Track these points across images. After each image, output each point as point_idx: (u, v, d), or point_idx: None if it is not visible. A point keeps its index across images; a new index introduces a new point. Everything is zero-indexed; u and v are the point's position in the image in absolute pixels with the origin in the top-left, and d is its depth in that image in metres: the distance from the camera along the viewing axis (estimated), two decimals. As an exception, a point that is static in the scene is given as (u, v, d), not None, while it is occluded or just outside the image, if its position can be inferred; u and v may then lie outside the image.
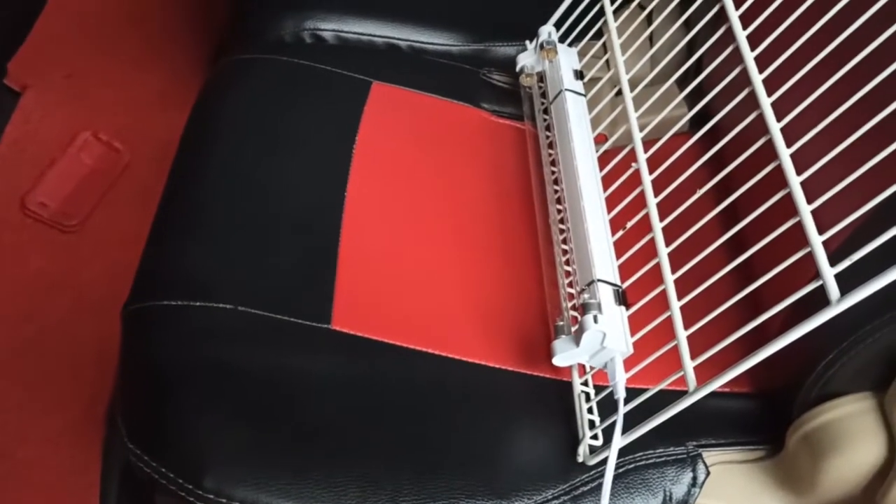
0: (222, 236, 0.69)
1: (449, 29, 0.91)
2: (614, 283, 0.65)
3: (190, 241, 0.68)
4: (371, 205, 0.74)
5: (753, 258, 0.56)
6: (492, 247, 0.75)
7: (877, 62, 0.51)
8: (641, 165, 0.67)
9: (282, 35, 0.87)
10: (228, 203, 0.71)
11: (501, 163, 0.82)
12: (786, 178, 0.55)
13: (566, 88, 0.78)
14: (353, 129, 0.78)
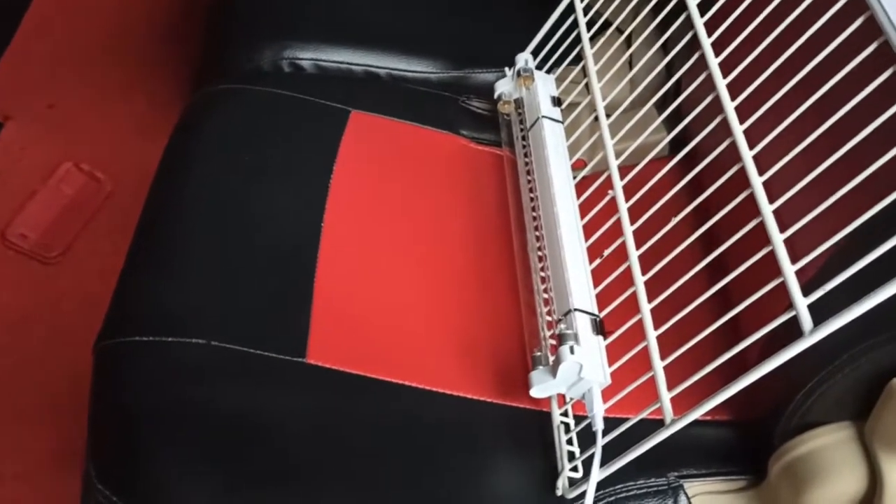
0: (197, 269, 0.68)
1: (428, 56, 0.91)
2: (591, 312, 0.65)
3: (163, 274, 0.68)
4: (348, 235, 0.73)
5: (731, 285, 0.56)
6: (470, 275, 0.75)
7: (847, 89, 0.51)
8: (618, 193, 0.67)
9: (260, 64, 0.87)
10: (203, 235, 0.71)
11: (480, 189, 0.82)
12: (758, 207, 0.54)
13: (543, 115, 0.78)
14: (330, 160, 0.78)
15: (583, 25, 0.79)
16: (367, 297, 0.70)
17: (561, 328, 0.62)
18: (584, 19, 0.79)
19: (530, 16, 0.87)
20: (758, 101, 0.58)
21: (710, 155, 0.61)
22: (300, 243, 0.71)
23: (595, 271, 0.68)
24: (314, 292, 0.68)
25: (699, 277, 0.58)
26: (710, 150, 0.61)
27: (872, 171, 0.48)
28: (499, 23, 0.96)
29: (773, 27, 0.59)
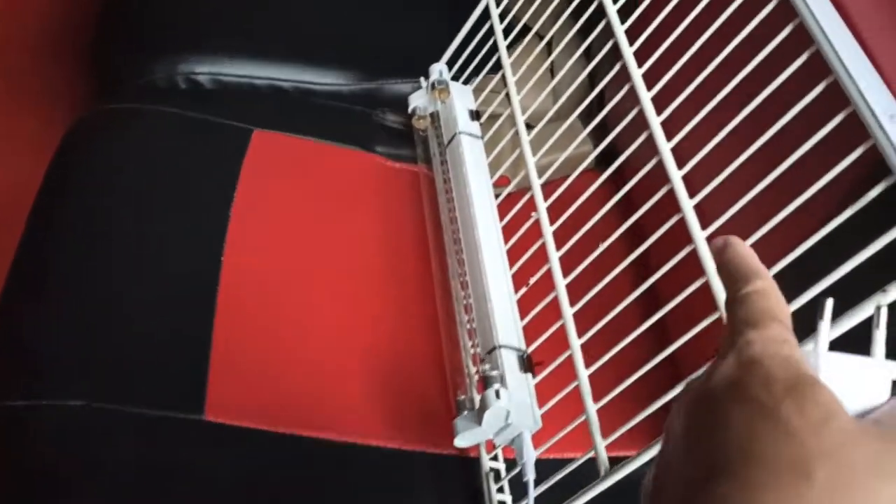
0: (76, 315, 0.61)
1: (337, 67, 0.84)
2: (518, 348, 0.60)
3: (38, 321, 0.60)
4: (251, 269, 0.67)
5: (667, 315, 0.51)
6: (388, 307, 0.69)
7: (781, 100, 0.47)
8: (542, 216, 0.62)
9: (153, 80, 0.80)
10: (85, 274, 0.63)
11: (398, 211, 0.76)
12: (690, 234, 0.50)
13: (461, 131, 0.73)
14: (230, 185, 0.71)
15: (499, 33, 0.74)
16: (273, 338, 0.64)
17: (485, 370, 0.57)
18: (500, 26, 0.74)
19: (447, 22, 0.82)
20: (686, 113, 0.54)
21: (638, 174, 0.56)
22: (197, 281, 0.64)
23: (523, 298, 0.63)
24: (213, 336, 0.61)
25: (633, 306, 0.54)
26: (640, 163, 0.56)
27: (810, 194, 0.44)
28: (414, 30, 0.90)
29: (697, 35, 0.55)
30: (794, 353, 0.27)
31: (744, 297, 0.30)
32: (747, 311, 0.29)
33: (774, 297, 0.30)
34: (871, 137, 0.41)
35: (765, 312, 0.29)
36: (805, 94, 0.45)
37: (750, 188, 0.47)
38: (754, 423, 0.25)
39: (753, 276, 0.30)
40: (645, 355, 0.51)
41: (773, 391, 0.26)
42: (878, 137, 0.40)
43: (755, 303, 0.29)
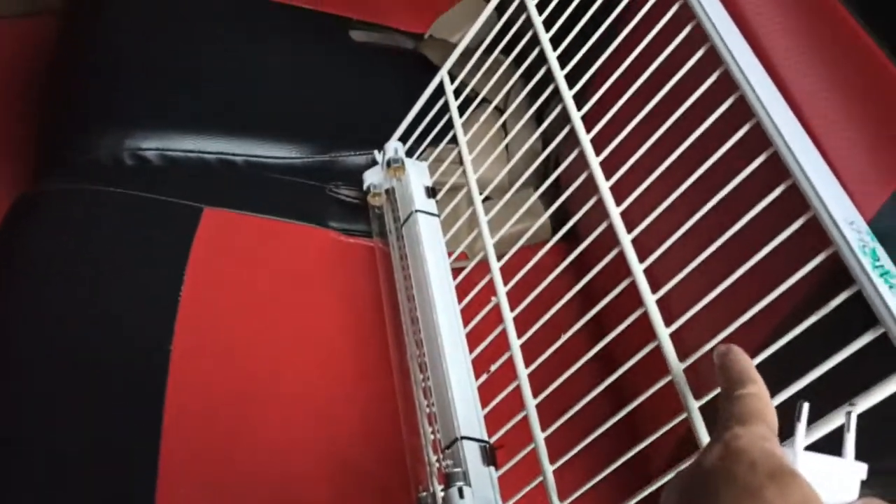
0: (13, 398, 0.58)
1: (291, 140, 0.83)
2: (481, 438, 0.58)
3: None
4: (203, 357, 0.64)
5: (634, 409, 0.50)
6: (346, 390, 0.67)
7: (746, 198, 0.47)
8: (502, 300, 0.61)
9: (97, 157, 0.77)
10: (18, 370, 0.60)
11: (354, 289, 0.75)
12: (641, 298, 0.50)
13: (417, 209, 0.72)
14: (180, 268, 0.68)
15: (455, 111, 0.73)
16: (226, 433, 0.61)
17: (448, 465, 0.56)
18: (455, 102, 0.74)
19: (404, 90, 0.81)
20: (648, 203, 0.54)
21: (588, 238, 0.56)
22: (144, 373, 0.61)
23: (487, 382, 0.62)
24: (162, 437, 0.58)
25: (600, 396, 0.53)
26: (603, 245, 0.56)
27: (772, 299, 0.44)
28: (369, 102, 0.89)
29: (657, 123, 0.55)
30: (776, 450, 0.32)
31: (738, 398, 0.34)
32: (740, 409, 0.34)
33: (764, 402, 0.35)
34: (833, 244, 0.41)
35: (754, 413, 0.34)
36: (765, 192, 0.46)
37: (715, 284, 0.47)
38: (740, 500, 0.29)
39: (749, 381, 0.35)
40: (611, 442, 0.50)
41: (758, 476, 0.30)
42: (839, 245, 0.41)
43: (747, 404, 0.34)
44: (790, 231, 0.43)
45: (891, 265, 0.40)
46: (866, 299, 0.39)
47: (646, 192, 0.54)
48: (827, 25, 0.49)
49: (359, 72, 0.92)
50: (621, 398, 0.51)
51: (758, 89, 0.47)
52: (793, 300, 0.46)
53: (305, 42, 0.92)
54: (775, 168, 0.46)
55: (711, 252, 0.48)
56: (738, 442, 0.32)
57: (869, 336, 0.38)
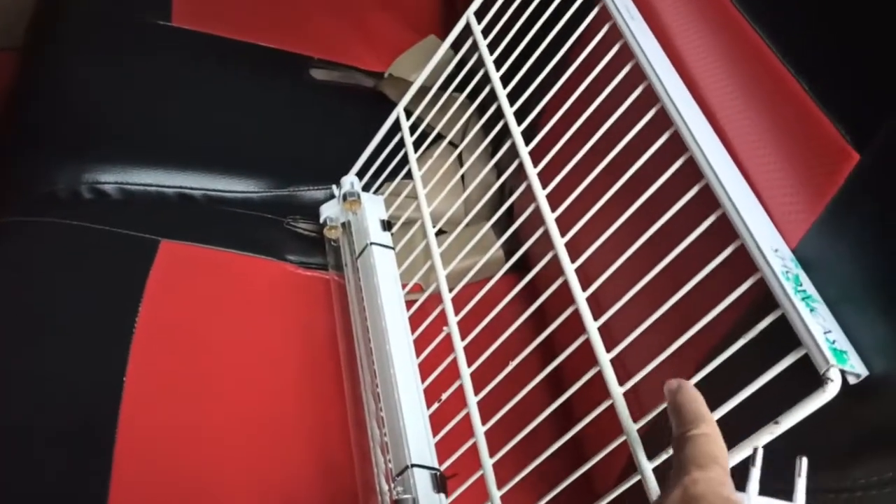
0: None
1: (249, 175, 0.84)
2: (431, 466, 0.59)
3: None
4: (156, 389, 0.65)
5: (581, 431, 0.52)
6: (302, 424, 0.68)
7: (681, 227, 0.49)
8: (453, 329, 0.62)
9: (54, 191, 0.78)
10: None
11: (310, 321, 0.75)
12: (595, 355, 0.51)
13: (372, 242, 0.73)
14: (135, 301, 0.69)
15: (410, 147, 0.75)
16: (180, 469, 0.61)
17: (398, 492, 0.56)
18: (411, 138, 0.76)
19: (362, 126, 0.83)
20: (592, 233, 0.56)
21: (533, 270, 0.57)
22: (95, 411, 0.61)
23: (438, 411, 0.63)
24: (112, 475, 0.58)
25: (549, 418, 0.54)
26: (552, 274, 0.58)
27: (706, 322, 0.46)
28: (328, 136, 0.91)
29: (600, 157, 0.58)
30: (732, 496, 0.33)
31: (692, 438, 0.36)
32: (694, 451, 0.35)
33: (718, 443, 0.36)
34: (759, 270, 0.43)
35: (708, 456, 0.35)
36: (699, 222, 0.48)
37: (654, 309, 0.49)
38: None
39: (701, 421, 0.36)
40: (560, 466, 0.52)
41: None
42: (764, 271, 0.43)
43: (702, 445, 0.35)
44: (720, 259, 0.45)
45: (812, 290, 0.42)
46: (790, 323, 0.41)
47: (590, 222, 0.56)
48: (759, 72, 0.51)
49: (318, 108, 0.93)
50: (570, 422, 0.52)
51: (691, 126, 0.50)
52: (727, 324, 0.48)
53: (266, 79, 0.94)
54: (708, 199, 0.48)
55: (651, 279, 0.50)
56: (697, 488, 0.33)
57: (791, 358, 0.40)
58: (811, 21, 0.46)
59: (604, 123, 0.57)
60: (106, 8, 0.94)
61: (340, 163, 0.83)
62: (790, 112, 0.47)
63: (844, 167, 0.42)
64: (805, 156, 0.45)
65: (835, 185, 0.43)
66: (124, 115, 0.84)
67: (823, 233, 0.43)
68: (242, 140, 0.87)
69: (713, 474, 0.34)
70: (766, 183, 0.47)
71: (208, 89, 0.89)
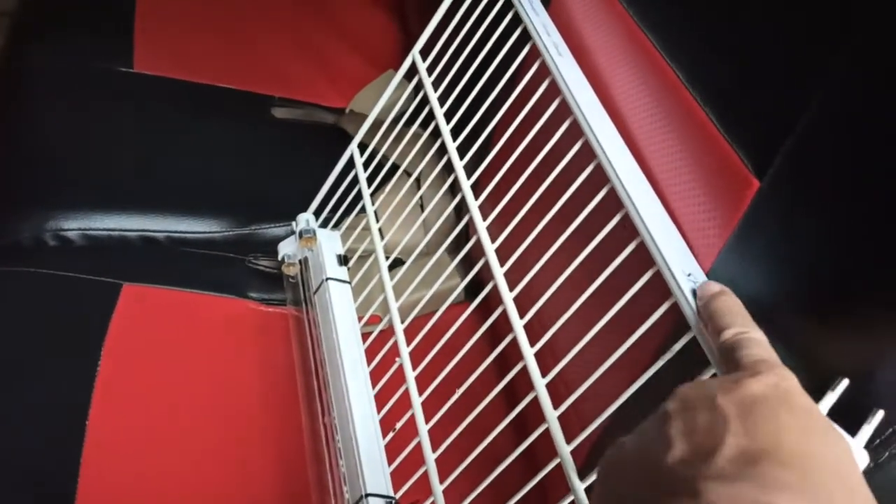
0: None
1: (211, 215, 0.86)
2: (386, 495, 0.61)
3: None
4: (119, 432, 0.66)
5: (535, 444, 0.53)
6: (265, 458, 0.69)
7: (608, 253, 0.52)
8: (405, 361, 0.64)
9: (19, 240, 0.79)
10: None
11: (272, 356, 0.77)
12: (522, 352, 0.53)
13: (328, 277, 0.75)
14: (97, 344, 0.71)
15: (363, 181, 0.77)
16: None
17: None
18: (364, 174, 0.78)
19: (322, 163, 0.85)
20: (530, 260, 0.58)
21: (476, 299, 0.60)
22: (56, 455, 0.63)
23: (395, 440, 0.64)
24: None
25: (506, 433, 0.56)
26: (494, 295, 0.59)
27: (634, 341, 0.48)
28: (289, 173, 0.93)
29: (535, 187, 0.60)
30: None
31: (755, 339, 0.38)
32: (767, 351, 0.37)
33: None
34: (672, 294, 0.45)
35: (777, 358, 0.37)
36: (623, 248, 0.50)
37: (588, 330, 0.51)
38: (809, 435, 0.32)
39: (754, 326, 0.39)
40: (519, 478, 0.53)
41: (818, 421, 0.33)
42: (676, 295, 0.45)
43: (769, 348, 0.38)
44: (639, 284, 0.47)
45: (724, 311, 0.44)
46: (700, 344, 0.43)
47: (527, 251, 0.58)
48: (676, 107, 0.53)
49: (279, 147, 0.96)
50: (524, 436, 0.54)
51: (612, 158, 0.52)
52: (657, 340, 0.50)
53: (228, 120, 0.96)
54: (632, 226, 0.50)
55: (585, 301, 0.52)
56: (792, 382, 0.34)
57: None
58: (713, 52, 0.49)
59: (538, 154, 0.60)
60: (67, 56, 0.97)
61: (302, 199, 0.85)
62: (702, 143, 0.49)
63: (747, 193, 0.45)
64: (715, 184, 0.48)
65: (739, 210, 0.45)
66: (86, 162, 0.86)
67: (731, 256, 0.46)
68: (204, 181, 0.89)
69: (791, 376, 0.34)
70: (683, 210, 0.50)
71: (170, 132, 0.91)
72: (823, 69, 0.40)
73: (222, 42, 1.06)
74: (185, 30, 1.06)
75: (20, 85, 0.92)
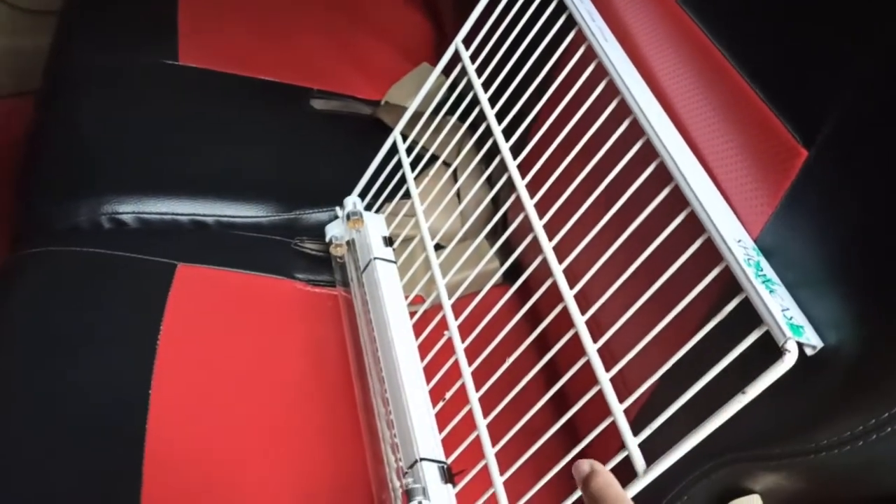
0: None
1: (257, 201, 0.89)
2: (438, 459, 0.64)
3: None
4: (179, 402, 0.69)
5: (576, 418, 0.56)
6: (315, 428, 0.72)
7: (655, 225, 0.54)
8: (454, 333, 0.67)
9: (77, 222, 0.83)
10: (7, 417, 0.64)
11: (320, 334, 0.80)
12: (583, 346, 0.56)
13: (376, 257, 0.78)
14: (157, 319, 0.74)
15: (407, 167, 0.80)
16: (204, 469, 0.66)
17: (408, 482, 0.61)
18: (408, 159, 0.81)
19: (361, 152, 0.88)
20: (576, 236, 0.61)
21: (539, 291, 0.62)
22: (124, 420, 0.66)
23: (444, 410, 0.67)
24: (143, 471, 0.63)
25: (547, 408, 0.59)
26: (543, 278, 0.62)
27: (682, 308, 0.50)
28: (330, 161, 0.96)
29: (581, 166, 0.63)
30: None
31: None
32: None
33: None
34: (724, 259, 0.48)
35: None
36: (671, 221, 0.53)
37: (634, 301, 0.54)
38: None
39: None
40: (561, 452, 0.56)
41: None
42: (728, 259, 0.48)
43: None
44: (691, 251, 0.50)
45: (772, 274, 0.47)
46: (752, 304, 0.46)
47: (574, 227, 0.61)
48: (720, 81, 0.56)
49: (320, 136, 0.99)
50: (566, 410, 0.57)
51: (661, 134, 0.55)
52: (703, 309, 0.53)
53: (270, 111, 1.00)
54: (679, 199, 0.53)
55: (632, 274, 0.55)
56: None
57: (756, 334, 0.45)
58: (759, 30, 0.51)
59: (584, 136, 0.63)
60: (116, 51, 1.00)
61: (340, 186, 0.88)
62: (747, 116, 0.52)
63: (795, 163, 0.47)
64: (762, 155, 0.50)
65: (788, 179, 0.48)
66: (139, 150, 0.89)
67: (780, 223, 0.48)
68: (250, 168, 0.92)
69: None
70: (730, 182, 0.52)
71: (216, 122, 0.95)
72: (871, 37, 0.42)
73: (263, 37, 1.10)
74: (226, 25, 1.09)
75: (72, 79, 0.96)
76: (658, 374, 0.49)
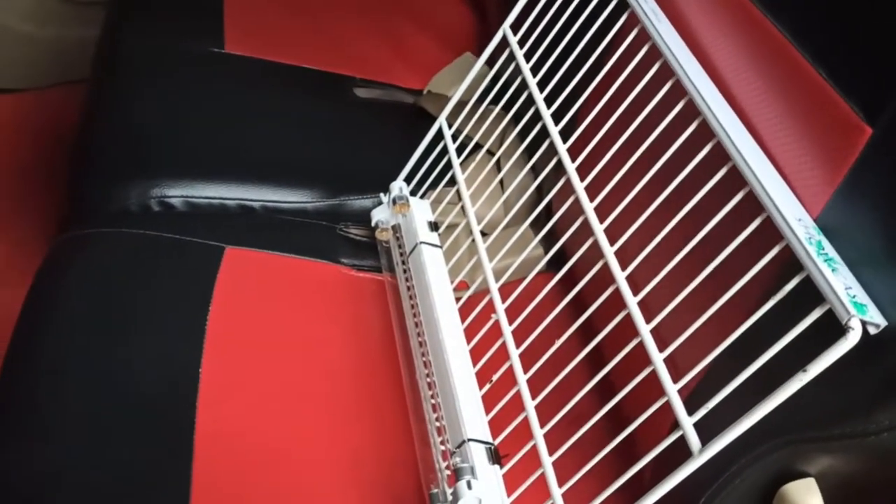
0: (58, 432, 0.63)
1: (302, 186, 0.90)
2: (486, 440, 0.64)
3: (15, 447, 0.62)
4: (229, 379, 0.70)
5: (623, 401, 0.56)
6: (362, 409, 0.73)
7: (707, 208, 0.54)
8: (501, 317, 0.67)
9: (127, 205, 0.84)
10: (65, 392, 0.66)
11: (365, 318, 0.81)
12: (636, 327, 0.55)
13: (421, 241, 0.78)
14: (206, 300, 0.75)
15: (453, 152, 0.80)
16: (253, 444, 0.66)
17: (456, 461, 0.61)
18: (453, 146, 0.82)
19: (404, 140, 0.89)
20: (627, 219, 0.60)
21: (587, 275, 0.62)
22: (176, 395, 0.67)
23: (489, 394, 0.67)
24: (195, 448, 0.64)
25: (591, 394, 0.59)
26: (589, 264, 0.62)
27: (739, 288, 0.50)
28: (373, 149, 0.97)
29: (632, 150, 0.62)
30: None
31: None
32: None
33: None
34: (784, 238, 0.47)
35: None
36: (726, 202, 0.52)
37: (686, 284, 0.54)
38: None
39: None
40: (605, 438, 0.56)
41: None
42: (789, 238, 0.47)
43: None
44: (750, 229, 0.50)
45: (834, 253, 0.46)
46: (814, 282, 0.45)
47: (626, 209, 0.61)
48: (777, 60, 0.56)
49: (363, 124, 1.00)
50: (612, 394, 0.57)
51: (718, 114, 0.54)
52: (759, 290, 0.52)
53: (314, 99, 1.00)
54: (735, 179, 0.52)
55: (685, 255, 0.55)
56: None
57: (817, 312, 0.44)
58: (821, 9, 0.51)
59: (636, 118, 0.62)
60: (163, 38, 1.02)
61: (384, 173, 0.88)
62: (807, 95, 0.51)
63: (859, 141, 0.47)
64: (822, 134, 0.50)
65: (851, 157, 0.47)
66: (187, 136, 0.90)
67: (842, 202, 0.48)
68: (294, 155, 0.93)
69: None
70: (788, 161, 0.52)
71: (262, 109, 0.96)
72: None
73: (306, 25, 1.11)
74: (270, 13, 1.11)
75: (124, 66, 0.97)
76: (714, 353, 0.49)
